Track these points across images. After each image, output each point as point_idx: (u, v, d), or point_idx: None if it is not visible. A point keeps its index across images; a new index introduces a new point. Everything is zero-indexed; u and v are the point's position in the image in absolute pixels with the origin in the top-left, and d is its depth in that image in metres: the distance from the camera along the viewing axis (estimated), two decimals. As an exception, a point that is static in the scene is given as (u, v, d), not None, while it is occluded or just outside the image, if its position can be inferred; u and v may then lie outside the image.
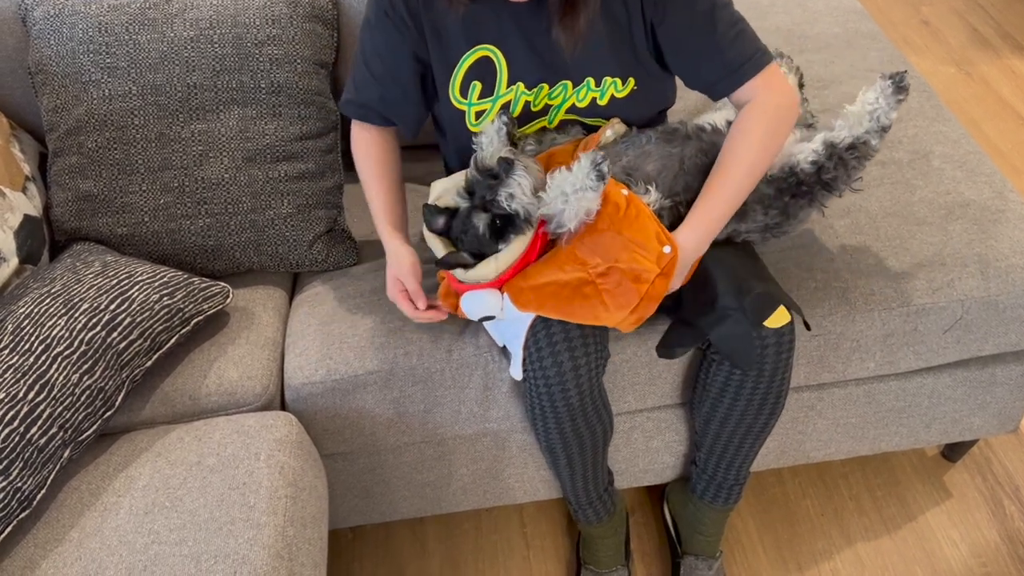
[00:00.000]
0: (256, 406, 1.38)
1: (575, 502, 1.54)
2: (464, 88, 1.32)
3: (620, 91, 1.32)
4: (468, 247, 1.25)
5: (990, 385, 1.56)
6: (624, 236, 1.19)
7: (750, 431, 1.42)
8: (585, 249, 1.21)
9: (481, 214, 1.22)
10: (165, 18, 1.49)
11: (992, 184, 1.52)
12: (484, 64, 1.30)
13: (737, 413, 1.39)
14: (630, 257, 1.19)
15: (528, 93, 1.33)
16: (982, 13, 3.13)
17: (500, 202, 1.19)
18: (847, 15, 1.95)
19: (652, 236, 1.19)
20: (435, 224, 1.28)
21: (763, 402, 1.37)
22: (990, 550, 1.68)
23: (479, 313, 1.29)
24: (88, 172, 1.49)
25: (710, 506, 1.54)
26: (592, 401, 1.35)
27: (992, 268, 1.40)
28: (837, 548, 1.70)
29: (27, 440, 1.17)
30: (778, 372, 1.33)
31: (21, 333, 1.26)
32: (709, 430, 1.45)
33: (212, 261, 1.53)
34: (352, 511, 1.60)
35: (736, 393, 1.37)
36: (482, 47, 1.29)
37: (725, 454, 1.47)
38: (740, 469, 1.49)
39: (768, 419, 1.40)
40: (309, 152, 1.54)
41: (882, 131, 1.27)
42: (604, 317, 1.22)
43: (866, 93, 1.27)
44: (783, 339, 1.29)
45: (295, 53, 1.51)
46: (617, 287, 1.20)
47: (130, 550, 1.15)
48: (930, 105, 1.70)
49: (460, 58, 1.30)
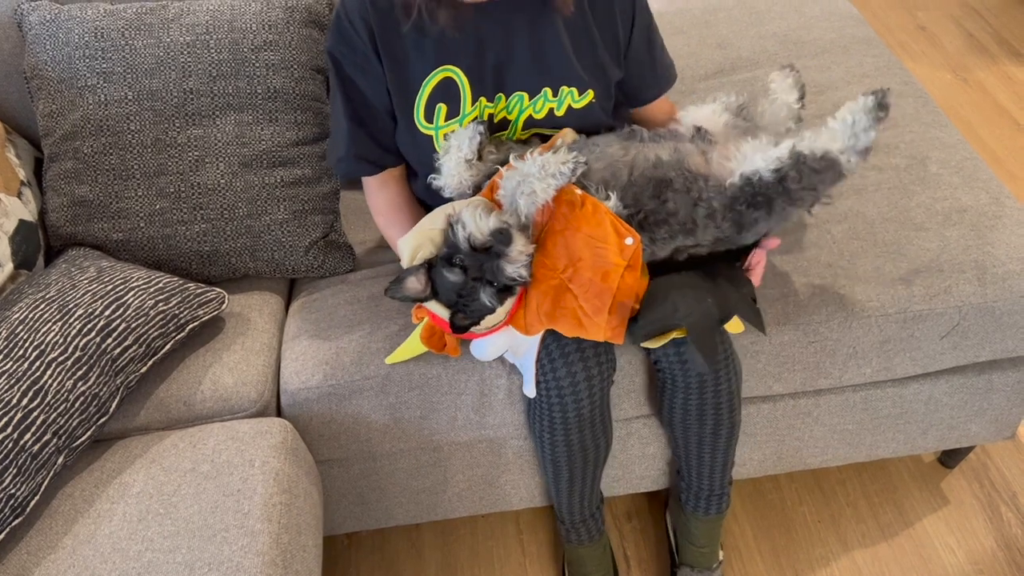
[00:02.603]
0: (251, 412, 1.38)
1: (569, 520, 1.54)
2: (429, 112, 1.30)
3: (577, 102, 1.32)
4: (473, 315, 1.22)
5: (987, 392, 1.56)
6: (583, 232, 1.19)
7: (703, 444, 1.43)
8: (549, 254, 1.21)
9: (484, 289, 1.19)
10: (161, 23, 1.49)
11: (989, 190, 1.52)
12: (446, 85, 1.28)
13: (679, 424, 1.42)
14: (592, 254, 1.18)
15: (490, 105, 1.32)
16: (979, 19, 3.14)
17: (511, 276, 1.18)
18: (843, 21, 1.95)
19: (610, 230, 1.19)
20: (418, 286, 1.23)
21: (700, 415, 1.38)
22: (987, 557, 1.67)
23: (493, 354, 1.31)
24: (84, 177, 1.49)
25: (693, 515, 1.54)
26: (601, 412, 1.37)
27: (989, 274, 1.40)
28: (834, 555, 1.69)
29: (21, 446, 1.17)
30: (705, 387, 1.34)
31: (15, 339, 1.25)
32: (676, 443, 1.47)
33: (208, 267, 1.53)
34: (348, 517, 1.60)
35: (671, 405, 1.40)
36: (443, 68, 1.27)
37: (690, 464, 1.48)
38: (713, 479, 1.49)
39: (715, 431, 1.41)
40: (305, 158, 1.54)
41: (861, 153, 1.17)
42: (587, 324, 1.22)
43: (846, 108, 1.19)
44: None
45: (291, 59, 1.51)
46: (588, 289, 1.19)
47: (124, 557, 1.14)
48: (927, 111, 1.70)
49: (421, 83, 1.28)
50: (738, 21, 1.96)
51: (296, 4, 1.53)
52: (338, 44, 1.28)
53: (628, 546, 1.72)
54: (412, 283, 1.22)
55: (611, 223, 1.19)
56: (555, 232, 1.21)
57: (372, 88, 1.31)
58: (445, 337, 1.30)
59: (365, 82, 1.30)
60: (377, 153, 1.37)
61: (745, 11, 1.98)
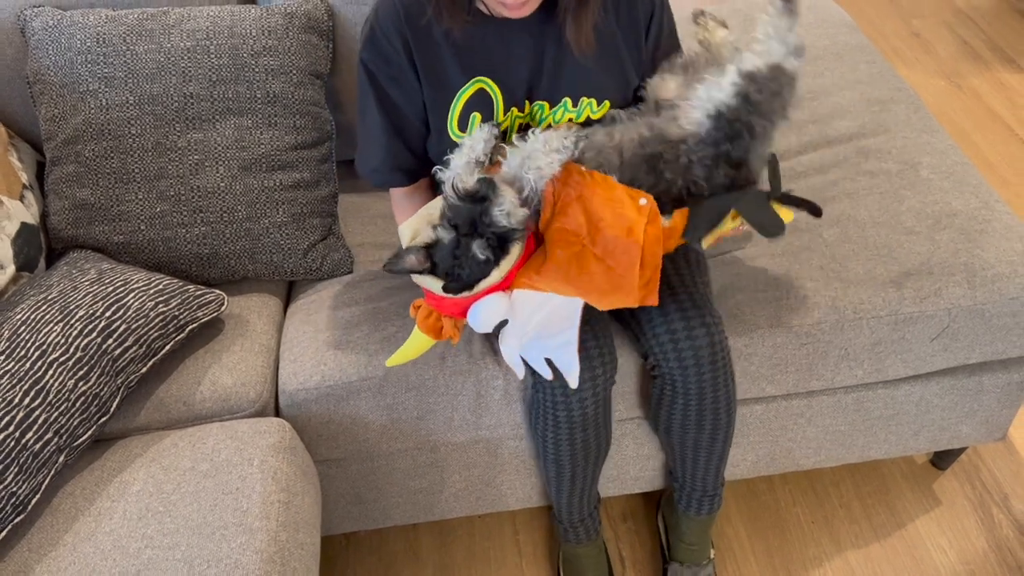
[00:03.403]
0: (250, 412, 1.39)
1: (567, 520, 1.55)
2: (463, 122, 1.31)
3: (596, 112, 1.34)
4: (469, 277, 1.20)
5: (977, 393, 1.57)
6: (599, 195, 1.20)
7: (699, 446, 1.44)
8: (568, 221, 1.22)
9: (475, 241, 1.18)
10: (162, 29, 1.51)
11: (979, 195, 1.54)
12: (480, 96, 1.29)
13: (676, 428, 1.43)
14: (612, 213, 1.19)
15: (521, 115, 1.34)
16: (972, 26, 3.16)
17: (498, 222, 1.17)
18: (837, 28, 1.97)
19: (624, 192, 1.21)
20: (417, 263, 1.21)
21: (699, 419, 1.39)
22: (978, 557, 1.69)
23: (492, 321, 1.25)
24: (85, 181, 1.51)
25: (686, 515, 1.56)
26: (604, 412, 1.38)
27: (979, 277, 1.42)
28: (827, 555, 1.71)
29: (22, 445, 1.18)
30: (705, 392, 1.35)
31: (17, 339, 1.27)
32: (670, 443, 1.48)
33: (207, 269, 1.54)
34: (345, 517, 1.61)
35: (669, 409, 1.41)
36: (477, 79, 1.28)
37: (685, 466, 1.50)
38: (706, 480, 1.51)
39: (712, 435, 1.42)
40: (304, 161, 1.56)
41: (796, 52, 1.21)
42: (620, 285, 1.20)
43: (761, 23, 1.23)
44: (701, 358, 1.31)
45: (291, 64, 1.53)
46: (615, 246, 1.19)
47: (124, 555, 1.16)
48: (918, 117, 1.72)
49: (456, 93, 1.29)
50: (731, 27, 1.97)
51: (295, 10, 1.55)
52: (372, 55, 1.29)
53: (623, 547, 1.74)
54: (411, 260, 1.20)
55: (622, 188, 1.21)
56: (572, 199, 1.22)
57: (407, 99, 1.31)
58: (442, 320, 1.28)
59: (400, 93, 1.31)
60: (412, 163, 1.38)
61: (738, 18, 2.00)
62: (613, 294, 1.21)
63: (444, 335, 1.29)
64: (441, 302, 1.24)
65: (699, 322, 1.31)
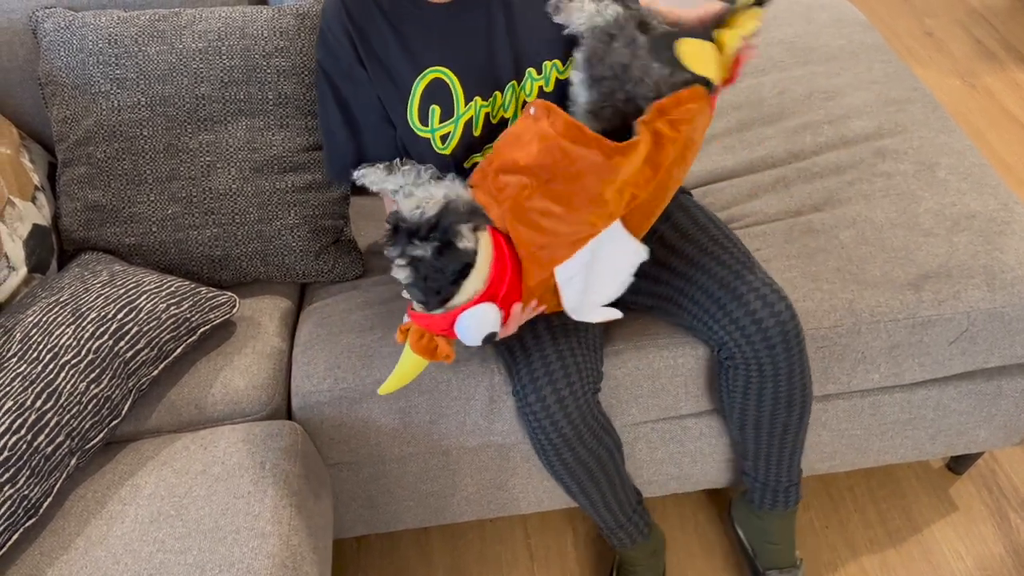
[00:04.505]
0: (262, 415, 1.38)
1: (604, 526, 1.52)
2: (423, 115, 1.28)
3: (562, 72, 1.29)
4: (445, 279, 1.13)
5: (996, 397, 1.56)
6: (502, 147, 1.18)
7: (787, 430, 1.40)
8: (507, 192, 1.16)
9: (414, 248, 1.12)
10: (174, 30, 1.51)
11: (997, 196, 1.52)
12: (436, 86, 1.27)
13: (767, 415, 1.38)
14: (521, 147, 1.16)
15: (486, 104, 1.30)
16: (987, 25, 3.14)
17: (411, 219, 1.11)
18: (851, 27, 1.95)
19: (518, 124, 1.18)
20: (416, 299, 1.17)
21: (790, 400, 1.35)
22: (995, 563, 1.67)
23: (482, 332, 1.18)
24: (97, 182, 1.50)
25: (771, 513, 1.53)
26: (588, 427, 1.33)
27: (998, 280, 1.40)
28: (842, 560, 1.69)
29: (34, 448, 1.18)
30: (794, 369, 1.32)
31: (29, 342, 1.26)
32: (747, 437, 1.44)
33: (219, 271, 1.54)
34: (357, 521, 1.60)
35: (759, 396, 1.36)
36: (430, 70, 1.26)
37: (771, 458, 1.46)
38: (791, 469, 1.47)
39: (801, 414, 1.39)
40: (316, 163, 1.55)
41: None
42: (582, 168, 1.14)
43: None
44: (788, 334, 1.28)
45: (302, 65, 1.52)
46: (543, 160, 1.14)
47: (135, 559, 1.15)
48: (935, 116, 1.70)
49: (411, 86, 1.27)
50: None
51: (307, 11, 1.54)
52: (324, 54, 1.29)
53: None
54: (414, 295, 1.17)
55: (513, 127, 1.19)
56: (492, 175, 1.18)
57: (362, 94, 1.30)
58: (435, 339, 1.21)
59: (354, 90, 1.30)
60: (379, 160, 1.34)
61: None
62: (590, 185, 1.15)
63: (439, 355, 1.21)
64: (431, 320, 1.18)
65: (776, 296, 1.27)
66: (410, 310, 1.20)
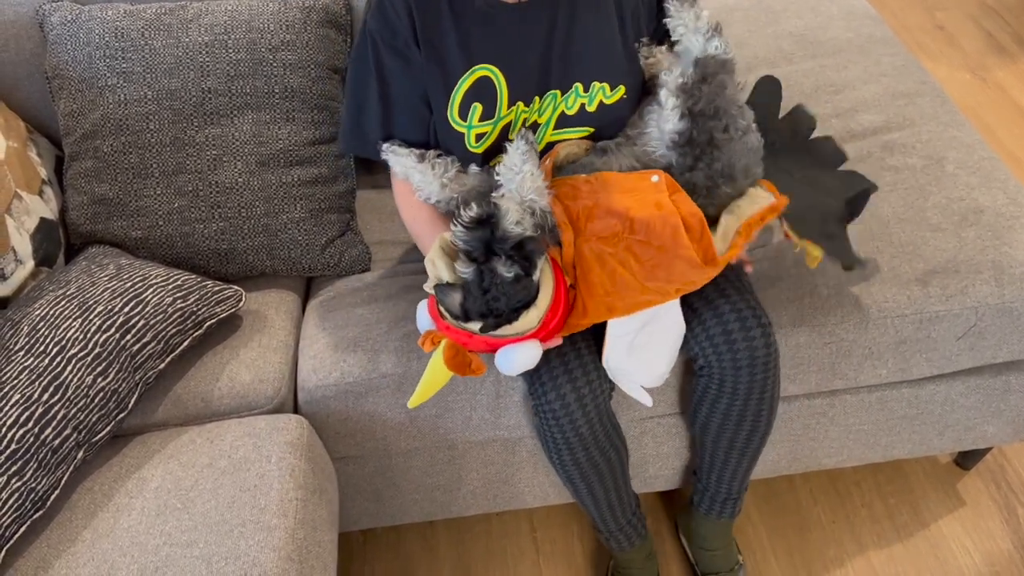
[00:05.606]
0: (268, 409, 1.39)
1: (605, 530, 1.53)
2: (463, 110, 1.27)
3: (608, 97, 1.30)
4: (507, 304, 1.13)
5: (1004, 392, 1.55)
6: (613, 190, 1.18)
7: (733, 446, 1.42)
8: (598, 227, 1.18)
9: (497, 264, 1.12)
10: (180, 24, 1.51)
11: (1007, 190, 1.51)
12: (483, 84, 1.26)
13: (715, 427, 1.40)
14: (634, 199, 1.16)
15: (527, 111, 1.29)
16: (997, 19, 3.11)
17: (510, 232, 1.12)
18: (861, 20, 1.94)
19: (634, 179, 1.19)
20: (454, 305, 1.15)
21: (740, 419, 1.37)
22: (1003, 559, 1.66)
23: (521, 366, 1.19)
24: (103, 176, 1.51)
25: (706, 518, 1.55)
26: (603, 428, 1.35)
27: (1007, 275, 1.40)
28: (849, 555, 1.69)
29: (41, 441, 1.18)
30: (753, 392, 1.33)
31: (36, 335, 1.27)
32: (704, 442, 1.46)
33: (225, 265, 1.54)
34: (363, 514, 1.61)
35: (712, 408, 1.38)
36: (481, 67, 1.25)
37: (714, 466, 1.48)
38: (732, 483, 1.49)
39: (749, 436, 1.40)
40: (322, 157, 1.55)
41: (714, 34, 1.22)
42: (675, 257, 1.16)
43: (671, 22, 1.25)
44: (756, 360, 1.29)
45: (309, 58, 1.52)
46: (652, 224, 1.15)
47: (142, 551, 1.16)
48: (944, 110, 1.69)
49: (458, 79, 1.25)
50: (754, 20, 1.96)
51: (313, 4, 1.54)
52: (379, 25, 1.25)
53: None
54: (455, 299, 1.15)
55: (631, 175, 1.19)
56: (591, 206, 1.18)
57: (410, 75, 1.27)
58: (469, 355, 1.20)
59: (402, 68, 1.27)
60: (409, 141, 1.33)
61: (761, 10, 1.98)
62: (676, 271, 1.18)
63: (472, 370, 1.20)
64: (471, 339, 1.17)
65: (755, 323, 1.29)
66: (438, 320, 1.18)
